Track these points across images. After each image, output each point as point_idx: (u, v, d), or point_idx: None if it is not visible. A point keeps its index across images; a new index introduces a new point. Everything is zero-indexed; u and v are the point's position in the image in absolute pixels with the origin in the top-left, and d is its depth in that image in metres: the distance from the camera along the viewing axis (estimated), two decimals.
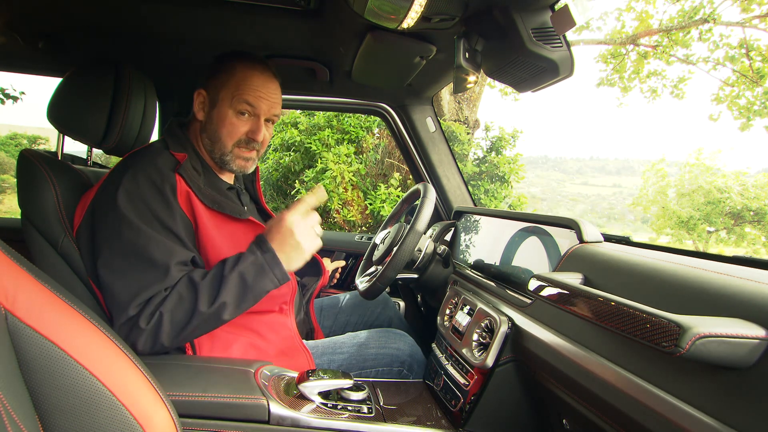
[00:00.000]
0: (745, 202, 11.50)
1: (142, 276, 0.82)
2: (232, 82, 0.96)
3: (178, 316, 0.81)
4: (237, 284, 0.82)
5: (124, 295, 0.81)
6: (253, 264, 0.84)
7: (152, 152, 0.93)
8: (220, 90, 0.96)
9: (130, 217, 0.84)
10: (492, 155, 5.54)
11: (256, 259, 0.84)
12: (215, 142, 0.98)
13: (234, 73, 0.96)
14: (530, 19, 0.83)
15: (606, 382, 0.59)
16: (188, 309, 0.81)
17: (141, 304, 0.81)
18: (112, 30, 1.18)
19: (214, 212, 0.93)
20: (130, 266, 0.83)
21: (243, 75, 0.96)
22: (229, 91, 0.95)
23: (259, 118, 0.98)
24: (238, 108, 0.96)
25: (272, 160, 5.10)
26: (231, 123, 0.96)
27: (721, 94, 7.38)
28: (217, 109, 0.96)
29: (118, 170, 0.90)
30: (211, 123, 0.98)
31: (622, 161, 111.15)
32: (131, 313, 0.80)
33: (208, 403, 0.74)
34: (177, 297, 0.82)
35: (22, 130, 16.38)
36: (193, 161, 0.96)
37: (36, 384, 0.49)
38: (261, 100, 0.97)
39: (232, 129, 0.96)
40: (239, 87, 0.95)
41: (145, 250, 0.83)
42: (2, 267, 0.49)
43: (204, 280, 0.83)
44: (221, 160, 1.00)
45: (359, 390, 0.89)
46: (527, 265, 1.01)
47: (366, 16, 0.84)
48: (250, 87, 0.95)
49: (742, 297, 0.50)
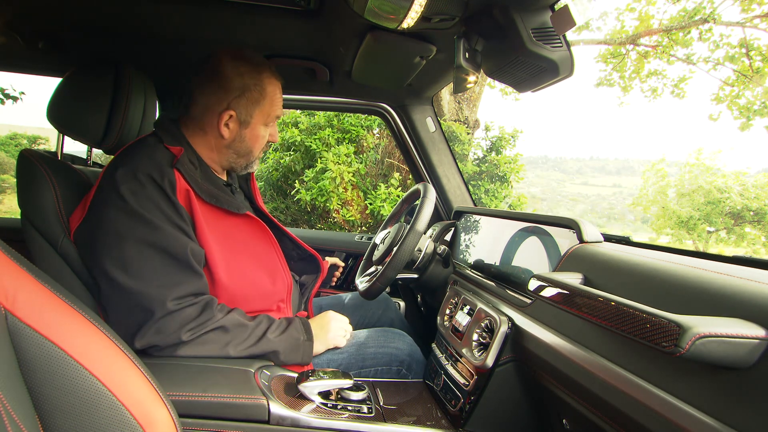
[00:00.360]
0: (745, 202, 11.50)
1: (170, 272, 0.83)
2: (265, 102, 0.97)
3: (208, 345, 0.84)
4: (272, 348, 0.90)
5: (154, 293, 0.81)
6: (295, 341, 0.94)
7: (147, 147, 0.91)
8: (253, 110, 0.96)
9: (141, 213, 0.83)
10: (492, 155, 5.54)
11: (299, 341, 0.95)
12: (243, 156, 1.02)
13: (264, 90, 0.96)
14: (530, 19, 0.83)
15: (606, 382, 0.59)
16: (221, 345, 0.86)
17: (180, 299, 0.82)
18: (112, 30, 1.18)
19: (212, 207, 0.92)
20: (151, 263, 0.82)
21: (273, 91, 0.98)
22: (263, 111, 0.98)
23: (275, 121, 1.04)
24: (269, 124, 1.02)
25: (272, 160, 5.10)
26: (263, 137, 1.02)
27: (721, 94, 7.37)
28: (251, 129, 0.98)
29: (116, 169, 0.87)
30: (243, 141, 0.99)
31: (622, 161, 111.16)
32: (170, 308, 0.81)
33: (208, 403, 0.74)
34: (222, 331, 0.86)
35: (22, 130, 16.37)
36: (189, 155, 0.94)
37: (36, 384, 0.49)
38: (282, 109, 1.03)
39: (263, 141, 1.03)
40: (273, 105, 0.99)
41: (161, 245, 0.83)
42: (2, 267, 0.49)
43: (249, 326, 0.90)
44: (245, 168, 1.05)
45: (359, 390, 0.89)
46: (527, 265, 1.00)
47: (366, 16, 0.84)
48: (279, 101, 1.01)
49: (742, 297, 0.50)
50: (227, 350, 0.85)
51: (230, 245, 0.94)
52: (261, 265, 0.97)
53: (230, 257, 0.93)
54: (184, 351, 0.83)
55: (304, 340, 0.95)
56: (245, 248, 0.96)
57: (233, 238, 0.94)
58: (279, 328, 0.93)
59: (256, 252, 0.98)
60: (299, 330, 0.95)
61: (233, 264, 0.93)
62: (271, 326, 0.92)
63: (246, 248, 0.96)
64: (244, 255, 0.95)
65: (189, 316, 0.82)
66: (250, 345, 0.87)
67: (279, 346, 0.90)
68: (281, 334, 0.92)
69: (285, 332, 0.93)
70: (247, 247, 0.96)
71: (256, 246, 0.98)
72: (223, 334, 0.85)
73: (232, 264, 0.93)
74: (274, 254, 1.00)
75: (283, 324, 0.94)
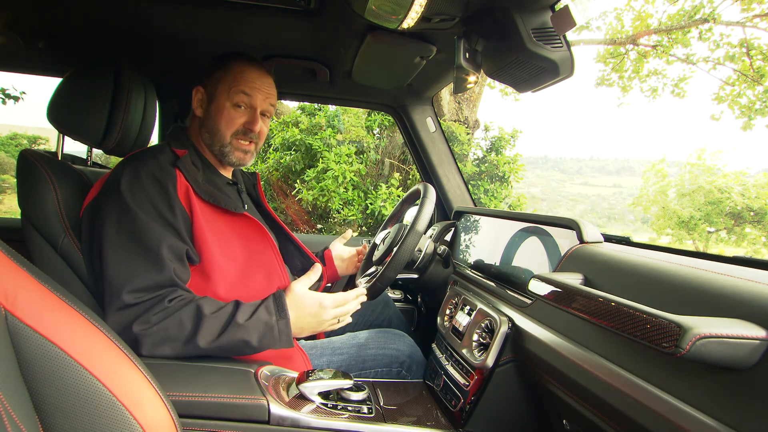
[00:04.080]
0: (746, 202, 11.49)
1: (135, 262, 0.82)
2: (228, 76, 1.00)
3: (170, 337, 0.79)
4: (242, 336, 0.81)
5: (116, 280, 0.81)
6: (265, 324, 0.84)
7: (154, 150, 0.97)
8: (218, 85, 1.00)
9: (130, 204, 0.85)
10: (492, 155, 5.54)
11: (270, 320, 0.84)
12: (214, 135, 1.01)
13: (230, 68, 1.00)
14: (530, 20, 0.83)
15: (606, 382, 0.59)
16: (185, 337, 0.79)
17: (135, 292, 0.80)
18: (112, 30, 1.18)
19: (211, 206, 0.94)
20: (124, 253, 0.83)
21: (239, 69, 1.00)
22: (226, 84, 1.00)
23: (255, 110, 1.01)
24: (234, 100, 0.99)
25: (273, 160, 5.09)
26: (229, 114, 1.00)
27: (722, 94, 7.37)
28: (215, 103, 1.00)
29: (121, 167, 0.92)
30: (210, 117, 1.01)
31: (622, 161, 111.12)
32: (126, 301, 0.79)
33: (208, 403, 0.74)
34: (177, 321, 0.79)
35: (22, 130, 16.39)
36: (192, 157, 0.99)
37: (36, 384, 0.49)
38: (256, 91, 1.00)
39: (230, 120, 1.00)
40: (236, 80, 0.99)
41: (138, 237, 0.83)
42: (2, 267, 0.49)
43: (212, 316, 0.81)
44: (221, 152, 1.02)
45: (359, 390, 0.89)
46: (527, 265, 1.00)
47: (366, 16, 0.84)
48: (246, 79, 1.00)
49: (742, 297, 0.50)
50: (197, 341, 0.78)
51: (228, 244, 0.94)
52: (257, 265, 0.98)
53: (227, 255, 0.94)
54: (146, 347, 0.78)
55: (276, 320, 0.85)
56: (243, 247, 0.97)
57: (231, 237, 0.95)
58: (248, 310, 0.84)
59: (252, 251, 0.98)
60: (270, 310, 0.85)
61: (229, 262, 0.93)
62: (239, 309, 0.83)
63: (243, 247, 0.97)
64: (241, 254, 0.96)
65: (141, 309, 0.80)
66: (217, 332, 0.80)
67: (250, 332, 0.82)
68: (251, 317, 0.83)
69: (254, 314, 0.83)
70: (245, 246, 0.97)
71: (253, 245, 0.99)
72: (180, 326, 0.79)
73: (229, 262, 0.93)
74: (271, 254, 1.01)
75: (254, 305, 0.86)
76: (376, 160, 5.01)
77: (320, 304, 0.90)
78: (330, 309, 0.91)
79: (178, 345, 0.80)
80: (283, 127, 5.11)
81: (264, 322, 0.84)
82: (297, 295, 0.90)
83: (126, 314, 0.79)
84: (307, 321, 0.90)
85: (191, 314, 0.81)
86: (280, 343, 0.85)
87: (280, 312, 0.86)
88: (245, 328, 0.82)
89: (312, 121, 5.00)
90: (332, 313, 0.92)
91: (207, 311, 0.81)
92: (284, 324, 0.85)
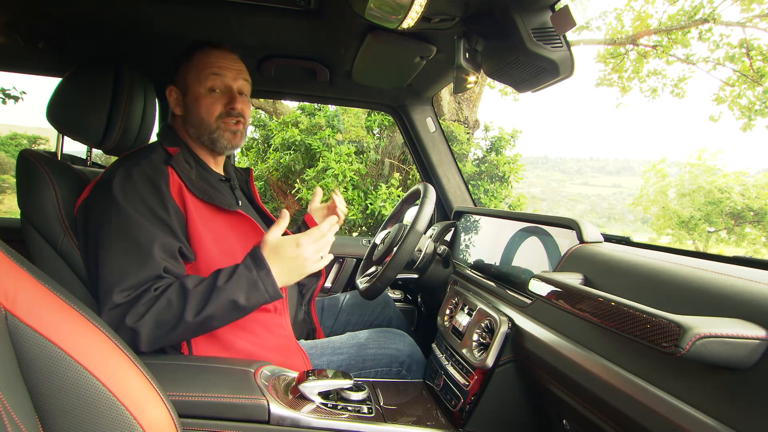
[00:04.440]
0: (746, 202, 11.50)
1: (126, 260, 0.82)
2: (194, 65, 1.01)
3: (163, 321, 0.80)
4: (228, 297, 0.81)
5: (107, 281, 0.81)
6: (247, 279, 0.83)
7: (147, 149, 0.97)
8: (187, 76, 1.01)
9: (122, 204, 0.85)
10: (492, 155, 5.54)
11: (251, 275, 0.83)
12: (199, 126, 1.01)
13: (192, 57, 1.02)
14: (530, 20, 0.83)
15: (606, 382, 0.59)
16: (175, 315, 0.79)
17: (126, 291, 0.80)
18: (112, 30, 1.18)
19: (204, 203, 0.94)
20: (115, 253, 0.83)
21: (201, 55, 1.02)
22: (194, 73, 1.00)
23: (231, 88, 1.02)
24: (207, 85, 1.00)
25: (272, 160, 5.10)
26: (206, 101, 1.00)
27: (721, 94, 7.37)
28: (189, 94, 1.01)
29: (113, 167, 0.92)
30: (189, 111, 1.02)
31: (622, 161, 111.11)
32: (116, 301, 0.79)
33: (208, 403, 0.74)
34: (166, 302, 0.80)
35: (22, 130, 16.40)
36: (185, 155, 0.99)
37: (36, 384, 0.49)
38: (225, 69, 1.01)
39: (210, 106, 1.00)
40: (201, 65, 1.00)
41: (130, 236, 0.83)
42: (2, 267, 0.49)
43: (196, 289, 0.81)
44: (210, 140, 1.02)
45: (359, 390, 0.89)
46: (527, 265, 1.00)
47: (366, 17, 0.84)
48: (211, 62, 1.00)
49: (742, 297, 0.50)
50: (185, 317, 0.79)
51: (223, 241, 0.95)
52: None
53: (222, 253, 0.94)
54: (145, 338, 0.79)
55: (257, 272, 0.83)
56: (237, 244, 0.97)
57: (225, 234, 0.96)
58: (228, 271, 0.84)
59: (247, 248, 0.98)
60: (249, 265, 0.84)
61: (225, 259, 0.93)
62: (219, 275, 0.83)
63: (238, 244, 0.97)
64: (235, 250, 0.96)
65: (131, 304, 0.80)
66: (203, 302, 0.80)
67: (235, 291, 0.81)
68: (230, 277, 0.82)
69: (234, 274, 0.83)
70: (239, 243, 0.97)
71: (248, 243, 0.98)
72: (169, 306, 0.80)
73: (224, 259, 0.93)
74: None
75: (234, 267, 0.85)
76: (376, 160, 5.01)
77: (297, 243, 0.86)
78: (308, 245, 0.87)
79: (170, 326, 0.80)
80: (283, 127, 5.11)
81: (245, 277, 0.82)
82: (272, 243, 0.86)
83: (118, 312, 0.79)
84: (289, 265, 0.86)
85: (176, 292, 0.81)
86: (267, 294, 0.84)
87: (259, 264, 0.84)
88: (228, 288, 0.81)
89: (312, 121, 5.00)
90: (311, 249, 0.87)
91: (190, 285, 0.82)
92: (266, 274, 0.83)
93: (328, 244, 0.91)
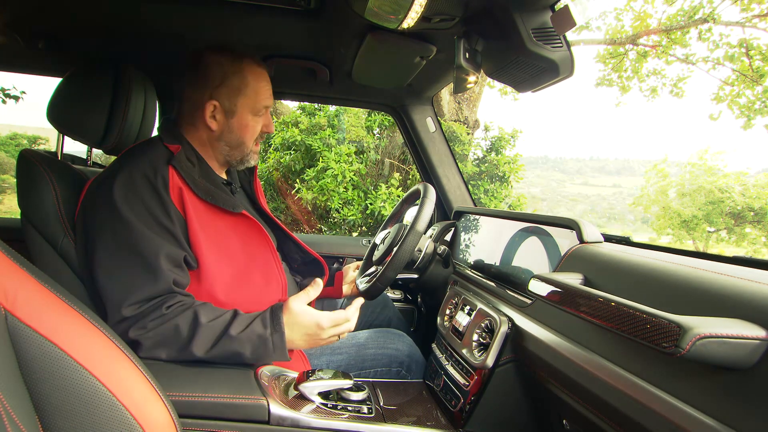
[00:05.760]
0: (747, 202, 11.50)
1: (133, 275, 0.82)
2: (249, 90, 0.97)
3: (166, 343, 0.80)
4: (235, 349, 0.82)
5: (116, 294, 0.81)
6: (259, 336, 0.83)
7: (147, 146, 0.94)
8: (236, 99, 0.96)
9: (125, 212, 0.84)
10: (492, 155, 5.54)
11: (264, 333, 0.83)
12: (236, 147, 1.01)
13: (245, 78, 0.96)
14: (530, 19, 0.83)
15: (606, 382, 0.59)
16: (180, 343, 0.80)
17: (135, 304, 0.81)
18: (112, 30, 1.18)
19: (207, 205, 0.92)
20: (121, 264, 0.83)
21: (255, 80, 0.98)
22: (248, 99, 0.97)
23: (267, 111, 1.03)
24: (259, 114, 1.00)
25: (273, 160, 5.10)
26: (252, 127, 1.00)
27: (721, 94, 7.37)
28: (237, 118, 0.98)
29: (116, 168, 0.90)
30: (232, 132, 0.99)
31: (622, 161, 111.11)
32: (125, 314, 0.80)
33: (208, 403, 0.74)
34: (173, 328, 0.80)
35: (22, 130, 16.40)
36: (187, 153, 0.96)
37: (36, 384, 0.49)
38: (271, 99, 1.02)
39: (253, 131, 1.01)
40: (258, 94, 0.98)
41: (136, 248, 0.83)
42: (2, 267, 0.49)
43: (208, 325, 0.81)
44: (241, 161, 1.03)
45: (359, 390, 0.89)
46: (527, 265, 1.00)
47: (366, 16, 0.84)
48: (266, 90, 1.00)
49: (742, 297, 0.50)
50: (192, 349, 0.80)
51: (224, 244, 0.93)
52: (255, 265, 0.97)
53: (222, 256, 0.92)
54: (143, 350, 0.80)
55: (271, 333, 0.83)
56: (239, 247, 0.95)
57: (227, 237, 0.94)
58: (243, 321, 0.84)
59: (250, 252, 0.97)
60: (266, 322, 0.84)
61: (226, 264, 0.92)
62: (235, 320, 0.83)
63: (240, 247, 0.95)
64: (237, 254, 0.95)
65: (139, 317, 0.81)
66: (211, 342, 0.81)
67: (243, 345, 0.81)
68: (245, 329, 0.83)
69: (249, 327, 0.83)
70: (242, 246, 0.96)
71: (251, 246, 0.97)
72: (176, 332, 0.80)
73: (225, 264, 0.92)
74: (269, 255, 1.00)
75: (250, 317, 0.85)
76: (376, 160, 5.01)
77: (317, 325, 0.87)
78: (327, 329, 0.88)
79: (173, 350, 0.81)
80: (283, 127, 5.11)
81: (258, 334, 0.83)
82: (294, 312, 0.87)
83: (125, 325, 0.80)
84: (303, 339, 0.88)
85: (188, 321, 0.81)
86: (275, 356, 0.84)
87: (275, 326, 0.84)
88: (238, 340, 0.81)
89: (312, 121, 5.00)
90: (329, 333, 0.89)
91: (204, 319, 0.81)
92: (279, 338, 0.84)
93: (350, 328, 0.93)
